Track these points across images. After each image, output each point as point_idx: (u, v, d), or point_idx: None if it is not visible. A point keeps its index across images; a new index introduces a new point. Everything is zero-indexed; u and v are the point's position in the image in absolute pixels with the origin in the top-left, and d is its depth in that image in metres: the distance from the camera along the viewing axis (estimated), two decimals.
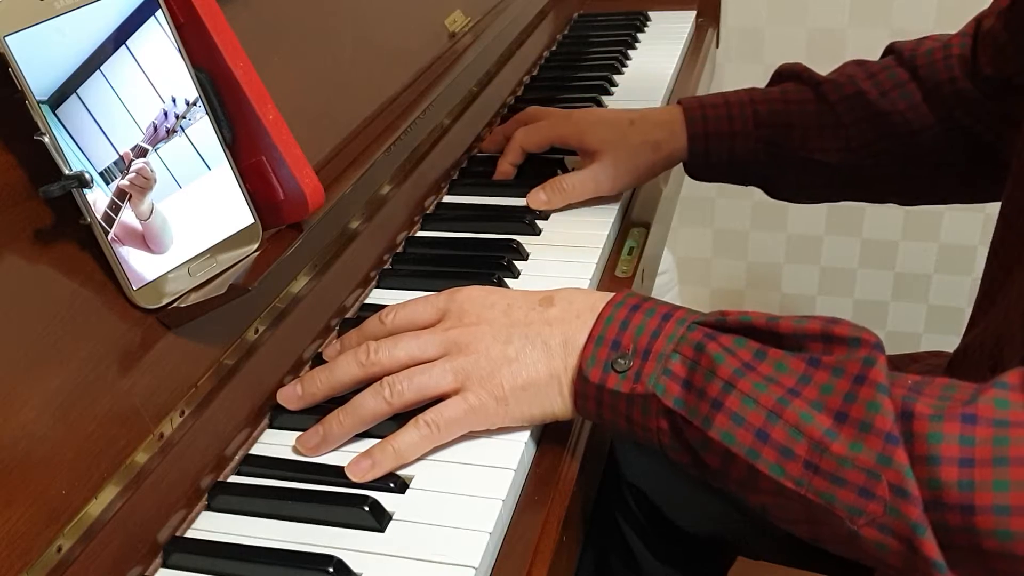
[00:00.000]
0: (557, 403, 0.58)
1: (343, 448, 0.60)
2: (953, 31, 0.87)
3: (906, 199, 0.96)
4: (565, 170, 0.90)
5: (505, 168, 0.92)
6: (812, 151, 0.87)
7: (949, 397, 0.47)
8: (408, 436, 0.57)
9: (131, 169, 0.54)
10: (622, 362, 0.55)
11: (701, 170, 0.92)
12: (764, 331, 0.53)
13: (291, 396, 0.62)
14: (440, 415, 0.57)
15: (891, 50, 0.89)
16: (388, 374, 0.59)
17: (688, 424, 0.53)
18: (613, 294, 0.59)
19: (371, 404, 0.58)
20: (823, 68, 0.91)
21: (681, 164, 0.93)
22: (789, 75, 0.92)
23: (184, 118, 0.57)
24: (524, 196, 0.87)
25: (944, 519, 0.45)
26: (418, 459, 0.58)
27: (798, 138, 0.88)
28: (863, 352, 0.49)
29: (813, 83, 0.89)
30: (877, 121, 0.85)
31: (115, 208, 0.53)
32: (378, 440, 0.58)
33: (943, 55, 0.83)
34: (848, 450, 0.47)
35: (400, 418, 0.59)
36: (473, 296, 0.62)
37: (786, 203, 0.99)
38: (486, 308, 0.61)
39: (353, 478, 0.57)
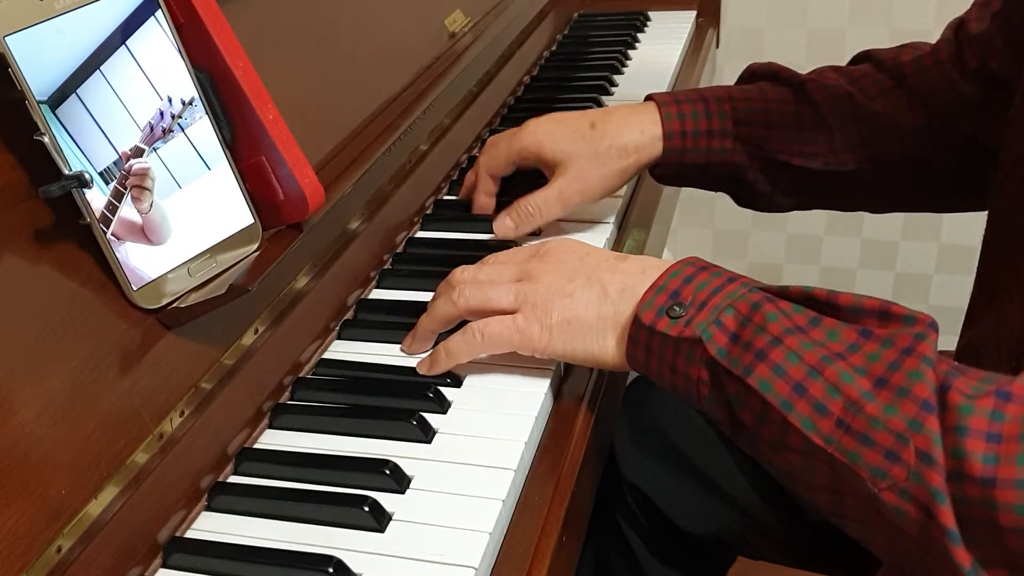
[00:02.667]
0: (599, 346, 0.60)
1: (346, 449, 0.60)
2: None
3: (878, 207, 0.92)
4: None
5: (481, 201, 0.85)
6: (792, 154, 0.83)
7: (991, 380, 0.47)
8: (456, 340, 0.63)
9: (131, 171, 0.54)
10: (677, 309, 0.56)
11: (672, 172, 0.85)
12: (823, 302, 0.54)
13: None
14: (487, 326, 0.62)
15: (867, 57, 0.85)
16: None
17: (729, 375, 0.53)
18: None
19: (441, 304, 0.65)
20: None
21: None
22: (764, 74, 0.86)
23: (183, 118, 0.57)
24: (523, 196, 0.87)
25: (964, 491, 0.45)
26: (418, 459, 0.58)
27: (778, 140, 0.83)
28: (916, 328, 0.50)
29: (794, 83, 0.84)
30: (864, 124, 0.82)
31: (112, 208, 0.53)
32: None
33: (933, 62, 0.80)
34: (881, 412, 0.48)
35: None
36: (564, 243, 0.66)
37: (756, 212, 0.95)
38: (568, 252, 0.64)
39: (420, 371, 0.65)
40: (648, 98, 0.85)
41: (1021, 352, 0.63)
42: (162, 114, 0.56)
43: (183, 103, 0.57)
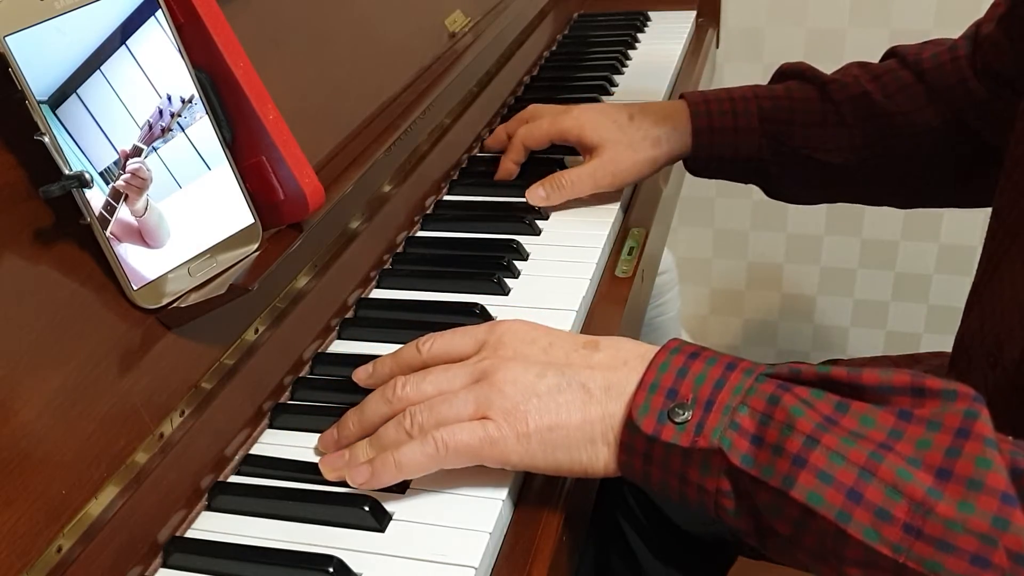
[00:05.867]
0: (588, 455, 0.53)
1: None
2: (953, 31, 0.87)
3: (903, 202, 0.96)
4: (565, 168, 0.90)
5: (508, 166, 0.91)
6: (815, 150, 0.87)
7: None
8: (412, 451, 0.54)
9: (127, 169, 0.54)
10: (680, 412, 0.49)
11: (702, 165, 0.92)
12: (844, 384, 0.48)
13: (329, 441, 0.59)
14: (453, 436, 0.53)
15: (893, 53, 0.89)
16: None
17: (759, 485, 0.47)
18: (663, 345, 0.54)
19: (392, 436, 0.55)
20: (823, 68, 0.91)
21: (681, 161, 0.92)
22: (793, 74, 0.91)
23: (183, 117, 0.57)
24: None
25: None
26: None
27: (801, 136, 0.87)
28: (962, 404, 0.45)
29: (818, 82, 0.89)
30: (881, 122, 0.85)
31: (110, 208, 0.53)
32: None
33: (950, 57, 0.83)
34: (957, 511, 0.42)
35: None
36: (514, 329, 0.58)
37: (786, 203, 0.99)
38: (525, 343, 0.57)
39: (351, 483, 0.55)
40: (681, 97, 0.92)
41: (998, 353, 0.63)
42: (161, 112, 0.56)
43: (187, 103, 0.57)
